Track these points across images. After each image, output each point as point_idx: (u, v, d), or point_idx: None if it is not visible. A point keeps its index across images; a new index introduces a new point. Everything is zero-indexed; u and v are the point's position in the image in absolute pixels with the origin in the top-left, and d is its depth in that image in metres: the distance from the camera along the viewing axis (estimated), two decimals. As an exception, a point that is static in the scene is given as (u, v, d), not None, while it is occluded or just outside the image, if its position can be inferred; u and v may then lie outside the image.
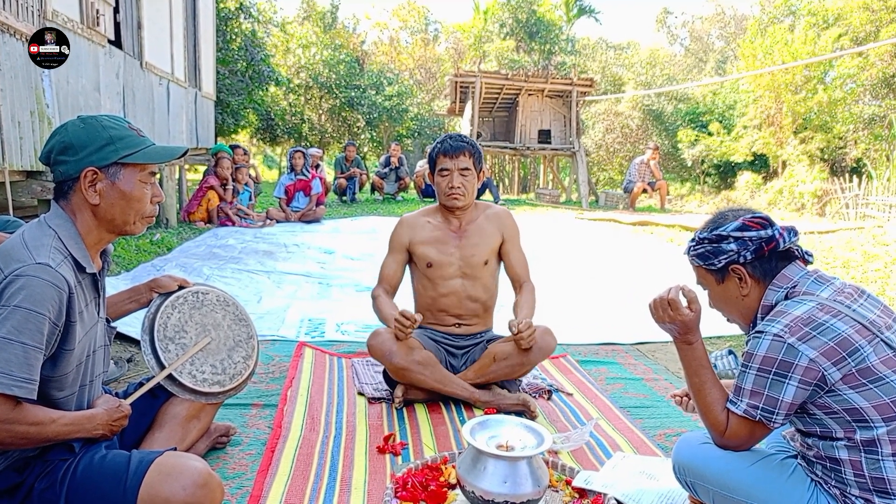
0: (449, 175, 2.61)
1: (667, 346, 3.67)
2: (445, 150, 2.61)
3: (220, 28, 12.52)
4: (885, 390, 1.35)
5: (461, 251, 2.66)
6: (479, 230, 2.70)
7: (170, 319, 1.83)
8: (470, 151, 2.62)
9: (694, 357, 1.59)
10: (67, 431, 1.42)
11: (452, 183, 2.60)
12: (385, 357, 2.47)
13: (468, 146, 2.62)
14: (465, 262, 2.65)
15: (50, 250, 1.39)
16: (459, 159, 2.60)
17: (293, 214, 8.49)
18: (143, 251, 5.66)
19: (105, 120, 1.51)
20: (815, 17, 15.09)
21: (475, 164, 2.64)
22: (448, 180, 2.61)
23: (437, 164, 2.66)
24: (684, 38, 29.94)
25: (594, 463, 2.16)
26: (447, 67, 23.84)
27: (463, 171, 2.60)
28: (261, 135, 19.18)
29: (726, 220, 1.57)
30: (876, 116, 14.53)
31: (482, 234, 2.70)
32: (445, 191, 2.63)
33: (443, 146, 2.63)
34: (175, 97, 8.29)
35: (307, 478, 1.99)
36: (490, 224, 2.72)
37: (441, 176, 2.64)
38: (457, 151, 2.60)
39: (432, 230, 2.69)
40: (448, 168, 2.61)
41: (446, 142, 2.64)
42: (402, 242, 2.70)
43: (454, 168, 2.60)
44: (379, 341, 2.49)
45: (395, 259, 2.70)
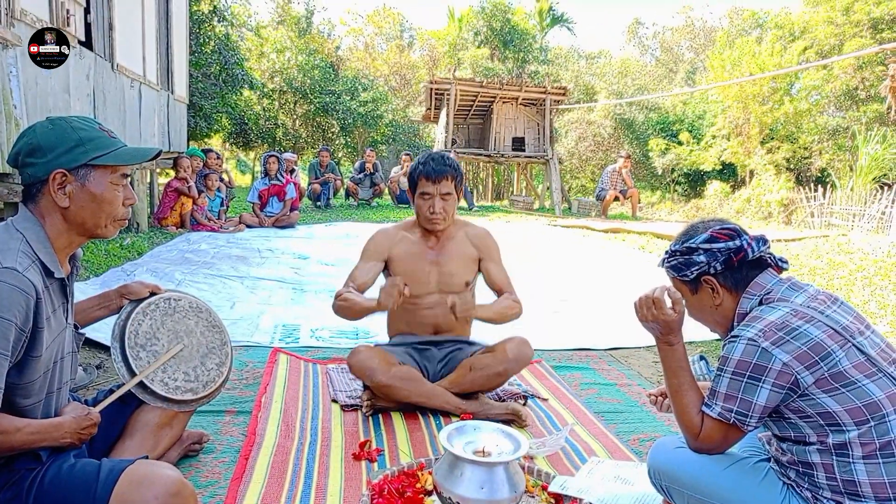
0: (430, 199, 2.56)
1: (639, 351, 3.71)
2: (428, 174, 2.54)
3: (194, 31, 12.38)
4: (856, 394, 1.38)
5: (439, 268, 2.62)
6: (457, 251, 2.65)
7: (141, 326, 1.80)
8: (452, 175, 2.56)
9: (674, 358, 1.61)
10: (34, 440, 1.38)
11: (434, 208, 2.55)
12: (366, 375, 2.43)
13: (451, 170, 2.56)
14: (443, 281, 2.60)
15: (17, 254, 1.36)
16: (442, 184, 2.54)
17: (267, 220, 8.41)
18: (113, 256, 5.56)
19: (75, 121, 1.48)
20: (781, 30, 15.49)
21: (456, 186, 2.60)
22: (430, 205, 2.56)
23: (418, 187, 2.59)
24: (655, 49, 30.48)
25: (570, 468, 2.17)
26: (422, 74, 23.90)
27: (444, 196, 2.56)
28: (234, 139, 18.97)
29: (697, 232, 1.60)
30: (840, 127, 14.94)
31: (461, 257, 2.64)
32: (426, 215, 2.57)
33: (425, 169, 2.55)
34: (147, 100, 8.16)
35: (282, 485, 1.97)
36: (468, 245, 2.68)
37: (422, 199, 2.58)
38: (439, 176, 2.53)
39: (410, 245, 2.64)
40: (430, 192, 2.55)
41: (429, 164, 2.56)
42: (381, 251, 2.63)
43: (436, 193, 2.55)
44: (358, 360, 2.44)
45: (368, 266, 2.62)
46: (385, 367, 2.43)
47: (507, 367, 2.51)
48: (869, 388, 1.38)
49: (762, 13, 20.09)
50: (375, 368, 2.41)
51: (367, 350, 2.47)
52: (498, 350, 2.51)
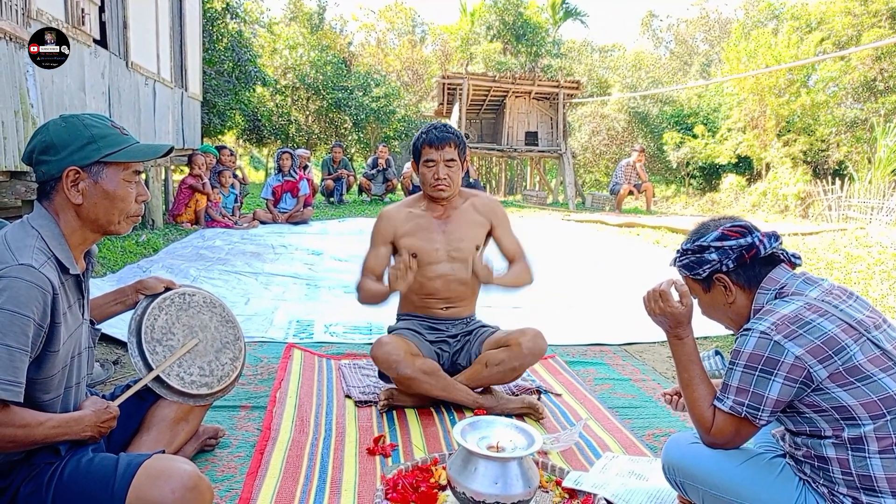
0: (435, 166, 2.59)
1: (654, 346, 3.69)
2: (431, 141, 2.59)
3: (207, 28, 12.43)
4: (872, 388, 1.37)
5: (447, 236, 2.64)
6: (465, 218, 2.68)
7: (157, 321, 1.82)
8: (455, 142, 2.61)
9: (684, 352, 1.61)
10: (56, 434, 1.40)
11: (438, 174, 2.59)
12: (391, 367, 2.44)
13: (453, 137, 2.61)
14: (453, 247, 2.63)
15: (33, 251, 1.37)
16: (445, 150, 2.59)
17: (280, 216, 8.45)
18: (128, 252, 5.61)
19: (87, 119, 1.49)
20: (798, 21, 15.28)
21: (460, 154, 2.64)
22: (434, 171, 2.60)
23: (422, 155, 2.64)
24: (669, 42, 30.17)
25: (584, 463, 2.17)
26: (434, 69, 23.87)
27: (448, 163, 2.59)
28: (247, 136, 19.06)
29: (708, 230, 1.60)
30: (858, 119, 14.73)
31: (469, 223, 2.68)
32: (431, 182, 2.61)
33: (428, 137, 2.61)
34: (161, 97, 8.22)
35: (297, 480, 1.98)
36: (477, 213, 2.71)
37: (426, 167, 2.62)
38: (442, 142, 2.58)
39: (416, 219, 2.67)
40: (433, 159, 2.60)
41: (431, 132, 2.62)
42: (386, 236, 2.67)
43: (440, 159, 2.59)
44: (384, 351, 2.45)
45: (378, 252, 2.67)
46: (409, 359, 2.44)
47: (522, 362, 2.52)
48: (885, 382, 1.37)
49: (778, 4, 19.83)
50: (401, 361, 2.42)
51: (393, 342, 2.48)
52: (513, 344, 2.51)
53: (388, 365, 2.45)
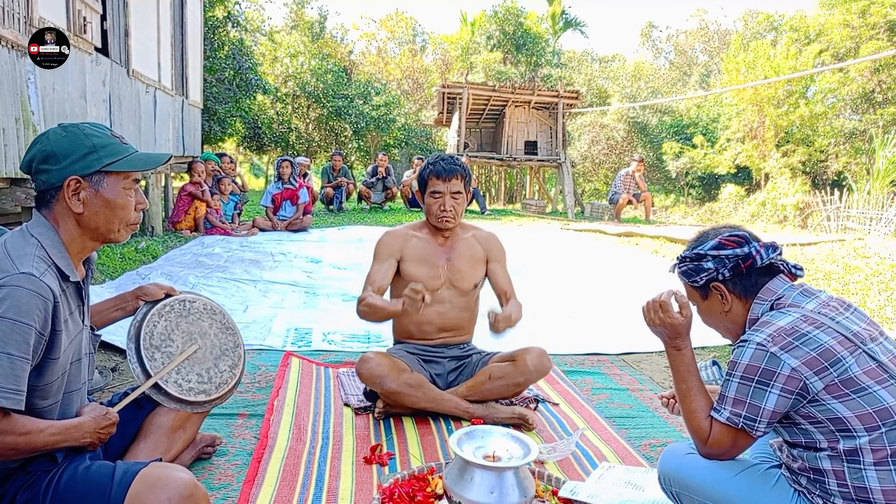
0: (441, 198, 2.62)
1: (652, 356, 3.69)
2: (438, 173, 2.62)
3: (208, 36, 12.50)
4: (867, 400, 1.37)
5: (449, 264, 2.67)
6: (467, 247, 2.71)
7: (156, 328, 1.82)
8: (462, 174, 2.64)
9: (682, 363, 1.61)
10: (56, 441, 1.41)
11: (444, 206, 2.61)
12: (376, 382, 2.45)
13: (460, 169, 2.64)
14: (453, 277, 2.66)
15: (33, 259, 1.38)
16: (452, 182, 2.61)
17: (280, 223, 8.46)
18: (128, 259, 5.62)
19: (87, 128, 1.50)
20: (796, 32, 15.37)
21: (465, 186, 2.67)
22: (440, 203, 2.62)
23: (428, 186, 2.66)
24: (669, 52, 30.31)
25: (580, 473, 2.17)
26: (434, 78, 23.95)
27: (454, 195, 2.62)
28: (248, 143, 19.12)
29: (706, 238, 1.61)
30: (856, 130, 14.79)
31: (471, 256, 2.70)
32: (437, 213, 2.63)
33: (435, 168, 2.63)
34: (162, 105, 8.25)
35: (293, 488, 1.98)
36: (478, 245, 2.75)
37: (433, 198, 2.64)
38: (450, 175, 2.61)
39: (420, 245, 2.69)
40: (440, 191, 2.62)
41: (439, 164, 2.64)
42: (392, 252, 2.67)
43: (446, 191, 2.61)
44: (367, 367, 2.46)
45: (382, 266, 2.66)
46: (395, 374, 2.45)
47: (527, 378, 2.54)
48: (880, 395, 1.37)
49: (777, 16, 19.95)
50: (385, 376, 2.43)
51: (377, 357, 2.49)
52: (519, 361, 2.54)
53: (372, 381, 2.46)
